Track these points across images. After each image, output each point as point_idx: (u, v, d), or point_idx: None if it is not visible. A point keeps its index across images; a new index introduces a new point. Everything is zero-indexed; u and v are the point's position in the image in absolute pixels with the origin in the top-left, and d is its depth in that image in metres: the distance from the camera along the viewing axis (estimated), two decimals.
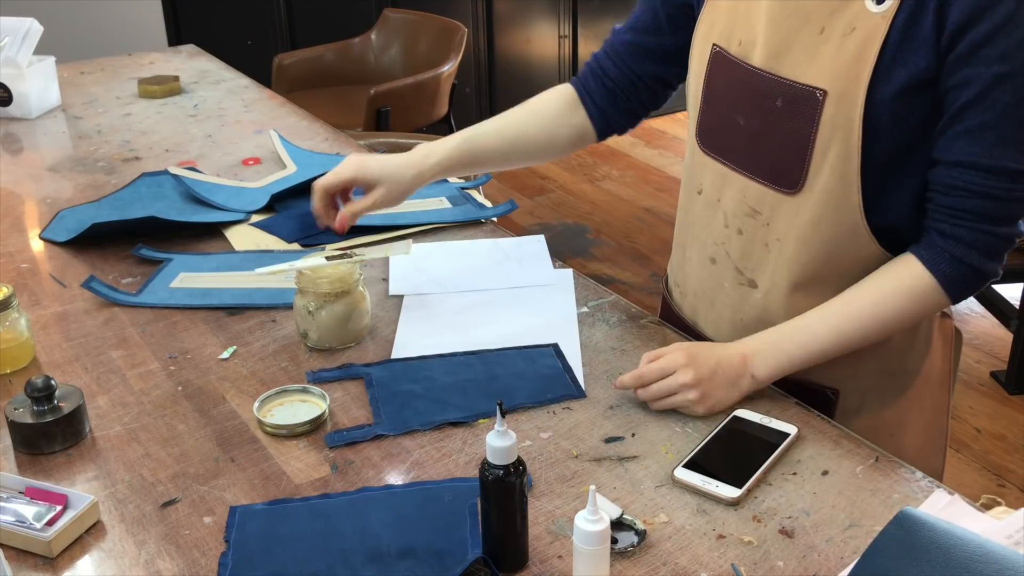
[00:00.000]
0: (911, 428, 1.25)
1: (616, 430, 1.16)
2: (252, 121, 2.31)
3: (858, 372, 1.23)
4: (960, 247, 1.10)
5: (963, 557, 0.78)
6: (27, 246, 1.69)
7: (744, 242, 1.25)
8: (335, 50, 3.92)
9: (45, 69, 2.38)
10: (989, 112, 1.04)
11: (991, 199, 1.07)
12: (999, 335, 3.21)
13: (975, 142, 1.06)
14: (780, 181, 1.17)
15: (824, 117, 1.11)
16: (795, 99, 1.13)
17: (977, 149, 1.06)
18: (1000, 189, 1.06)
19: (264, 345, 1.36)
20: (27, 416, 1.13)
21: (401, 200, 1.43)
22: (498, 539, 0.95)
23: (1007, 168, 1.05)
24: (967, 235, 1.09)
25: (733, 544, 0.99)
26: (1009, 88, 1.03)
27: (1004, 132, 1.04)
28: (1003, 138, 1.04)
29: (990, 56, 1.02)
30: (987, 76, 1.03)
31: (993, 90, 1.03)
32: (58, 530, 0.99)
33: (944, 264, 1.10)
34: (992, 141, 1.05)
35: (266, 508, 1.05)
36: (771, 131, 1.17)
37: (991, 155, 1.05)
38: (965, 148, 1.07)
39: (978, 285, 1.13)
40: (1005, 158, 1.05)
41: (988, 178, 1.06)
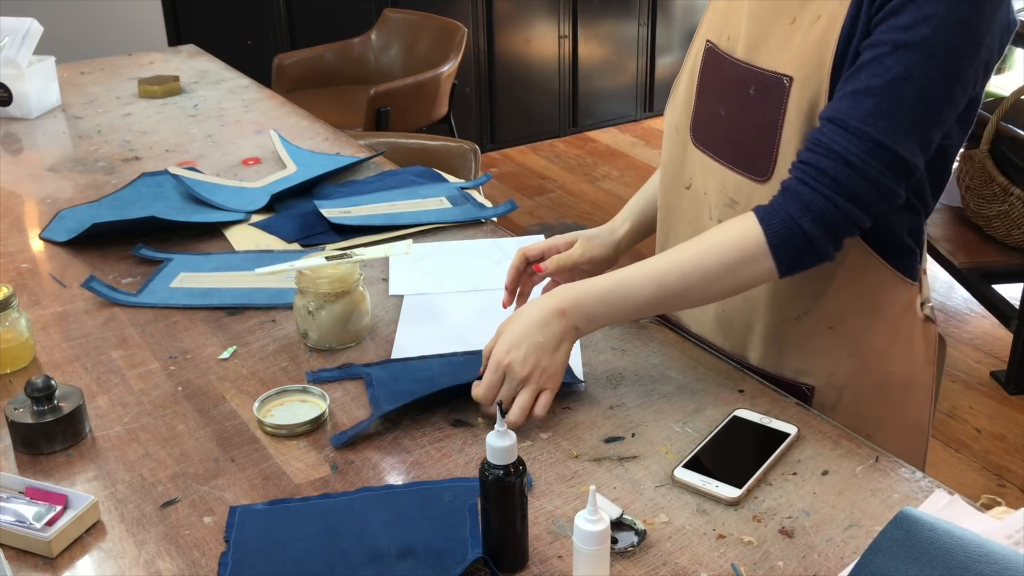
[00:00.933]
0: (889, 431, 1.24)
1: (616, 430, 1.16)
2: (252, 121, 2.31)
3: (835, 370, 1.24)
4: (795, 206, 1.07)
5: (963, 557, 0.78)
6: (27, 246, 1.69)
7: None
8: (335, 50, 3.92)
9: (45, 69, 2.38)
10: (877, 79, 1.04)
11: (845, 165, 1.05)
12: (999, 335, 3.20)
13: (854, 104, 1.05)
14: (753, 169, 1.19)
15: (790, 103, 1.13)
16: (765, 86, 1.15)
17: (852, 111, 1.05)
18: (857, 157, 1.04)
19: (264, 345, 1.36)
20: (27, 416, 1.13)
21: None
22: (498, 539, 0.95)
23: (870, 136, 1.04)
24: (807, 194, 1.06)
25: (733, 544, 0.99)
26: (904, 59, 1.02)
27: (883, 102, 1.04)
28: (879, 108, 1.04)
29: (897, 24, 1.03)
30: (888, 43, 1.03)
31: (887, 57, 1.03)
32: (58, 530, 0.99)
33: (775, 221, 1.08)
34: (869, 107, 1.04)
35: (266, 508, 1.05)
36: (745, 119, 1.19)
37: (863, 119, 1.04)
38: (843, 107, 1.06)
39: (805, 253, 1.09)
40: (874, 128, 1.04)
41: (851, 141, 1.05)
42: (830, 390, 1.24)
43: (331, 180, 1.92)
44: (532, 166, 4.77)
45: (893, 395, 1.26)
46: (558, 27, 4.89)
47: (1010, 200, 2.83)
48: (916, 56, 1.03)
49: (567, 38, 4.94)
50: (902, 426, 1.27)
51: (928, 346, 1.27)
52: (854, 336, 1.22)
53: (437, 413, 1.20)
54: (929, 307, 1.26)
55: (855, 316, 1.21)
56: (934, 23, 1.02)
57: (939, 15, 1.01)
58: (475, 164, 2.39)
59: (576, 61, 5.00)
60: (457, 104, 3.85)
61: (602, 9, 4.99)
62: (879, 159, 1.05)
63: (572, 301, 1.14)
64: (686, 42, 5.31)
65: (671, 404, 1.20)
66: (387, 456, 1.13)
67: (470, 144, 2.42)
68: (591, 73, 5.09)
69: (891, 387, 1.25)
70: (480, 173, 2.30)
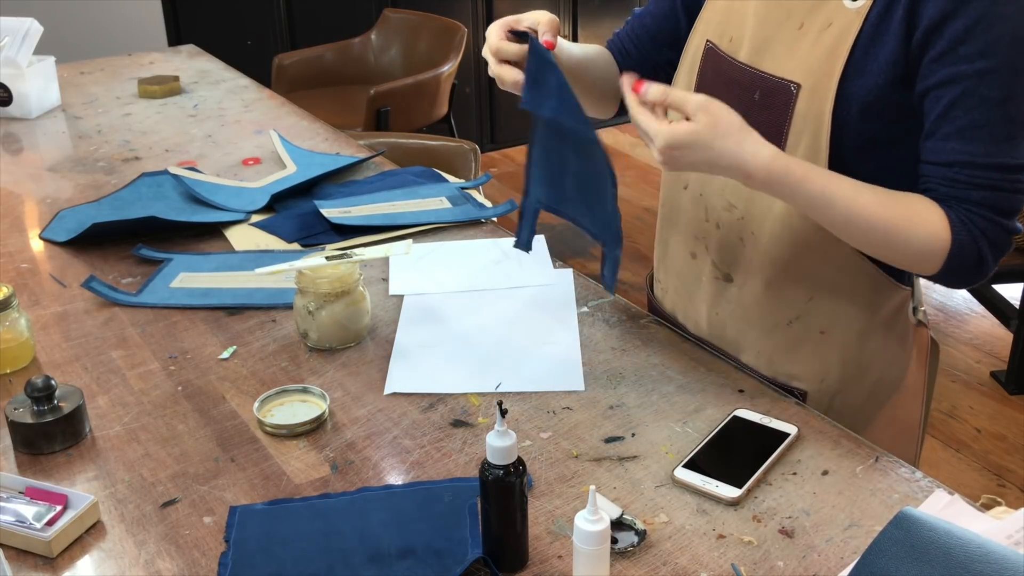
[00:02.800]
0: (878, 434, 1.24)
1: (616, 430, 1.16)
2: (252, 121, 2.31)
3: (827, 376, 1.24)
4: (976, 228, 1.07)
5: (963, 557, 0.78)
6: (27, 246, 1.69)
7: (721, 236, 1.26)
8: (335, 50, 3.92)
9: (45, 69, 2.38)
10: (979, 110, 1.03)
11: (996, 191, 1.05)
12: (999, 335, 3.20)
13: (969, 141, 1.04)
14: None
15: (797, 110, 1.12)
16: (771, 92, 1.14)
17: (972, 148, 1.04)
18: (1004, 181, 1.05)
19: (264, 345, 1.36)
20: (27, 416, 1.13)
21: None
22: (498, 539, 0.95)
23: (1006, 164, 1.04)
24: (979, 222, 1.06)
25: (733, 544, 0.98)
26: (995, 84, 1.02)
27: (996, 130, 1.03)
28: (995, 136, 1.03)
29: (971, 52, 1.01)
30: (971, 73, 1.02)
31: (979, 87, 1.02)
32: (58, 530, 0.99)
33: (964, 236, 1.07)
34: (986, 139, 1.04)
35: (266, 508, 1.05)
36: (749, 123, 1.17)
37: (987, 153, 1.04)
38: (959, 148, 1.05)
39: (974, 275, 1.09)
40: (1001, 155, 1.04)
41: (990, 172, 1.05)
42: (822, 396, 1.24)
43: (331, 180, 1.92)
44: None
45: (883, 399, 1.26)
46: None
47: None
48: (1006, 77, 1.01)
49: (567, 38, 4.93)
50: (892, 430, 1.27)
51: (920, 351, 1.27)
52: (845, 341, 1.22)
53: (437, 413, 1.20)
54: (922, 311, 1.26)
55: (847, 321, 1.21)
56: (1008, 40, 1.00)
57: (1011, 31, 1.00)
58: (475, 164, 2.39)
59: None
60: (457, 104, 3.85)
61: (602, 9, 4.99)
62: (1019, 172, 1.05)
63: (769, 176, 1.06)
64: None
65: (671, 404, 1.20)
66: (387, 456, 1.13)
67: (470, 144, 2.42)
68: None
69: (881, 391, 1.25)
70: (480, 173, 2.30)
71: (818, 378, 1.24)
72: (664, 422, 1.17)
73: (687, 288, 1.36)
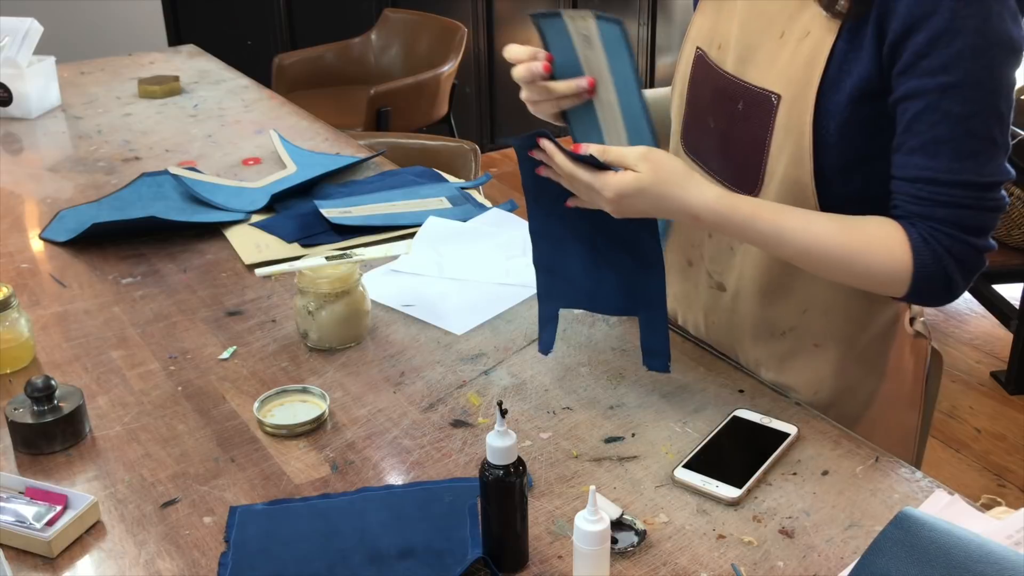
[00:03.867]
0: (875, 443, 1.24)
1: (616, 430, 1.16)
2: (252, 121, 2.31)
3: (820, 389, 1.23)
4: (942, 250, 1.05)
5: (963, 557, 0.78)
6: (27, 246, 1.69)
7: (714, 244, 1.26)
8: (335, 50, 3.92)
9: (45, 69, 2.38)
10: (942, 125, 1.01)
11: (961, 208, 1.03)
12: (999, 335, 3.20)
13: (932, 157, 1.02)
14: (741, 184, 1.18)
15: (778, 121, 1.11)
16: (753, 102, 1.13)
17: (935, 164, 1.02)
18: (968, 198, 1.03)
19: (264, 345, 1.36)
20: (27, 416, 1.13)
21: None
22: (498, 539, 0.95)
23: (968, 181, 1.02)
24: (945, 240, 1.04)
25: (733, 544, 0.98)
26: (958, 99, 1.00)
27: (960, 145, 1.01)
28: (959, 152, 1.01)
29: (933, 67, 0.99)
30: (933, 87, 1.00)
31: (942, 101, 1.00)
32: (58, 530, 0.99)
33: (928, 257, 1.05)
34: (949, 155, 1.01)
35: (266, 508, 1.05)
36: (733, 134, 1.18)
37: (950, 170, 1.02)
38: (923, 163, 1.03)
39: (943, 296, 1.07)
40: (965, 172, 1.02)
41: (954, 189, 1.03)
42: (815, 407, 1.23)
43: (331, 180, 1.92)
44: None
45: (878, 410, 1.25)
46: None
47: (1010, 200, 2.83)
48: (968, 92, 1.00)
49: None
50: (889, 440, 1.26)
51: (918, 362, 1.26)
52: (840, 354, 1.21)
53: (437, 413, 1.20)
54: (921, 322, 1.24)
55: (841, 334, 1.21)
56: (969, 55, 0.98)
57: (972, 45, 0.98)
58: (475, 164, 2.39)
59: None
60: (457, 104, 3.85)
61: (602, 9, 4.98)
62: (985, 190, 1.03)
63: (714, 217, 1.07)
64: None
65: (671, 404, 1.20)
66: (387, 456, 1.13)
67: (470, 144, 2.42)
68: None
69: (876, 403, 1.25)
70: (480, 173, 2.30)
71: (812, 390, 1.24)
72: (664, 422, 1.17)
73: (686, 295, 1.36)
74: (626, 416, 1.19)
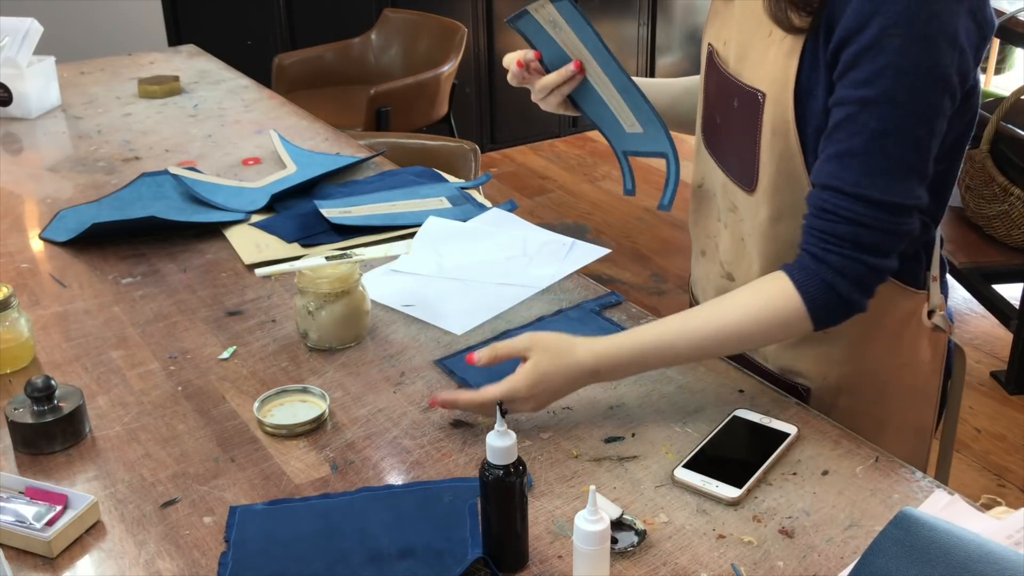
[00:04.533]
0: (888, 436, 1.24)
1: (616, 430, 1.16)
2: (252, 121, 2.31)
3: (829, 374, 1.23)
4: (830, 273, 1.06)
5: (963, 557, 0.78)
6: (27, 246, 1.69)
7: (727, 236, 1.27)
8: (335, 50, 3.92)
9: (45, 69, 2.38)
10: (857, 138, 1.02)
11: (860, 226, 1.04)
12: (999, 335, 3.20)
13: (843, 167, 1.04)
14: (742, 179, 1.20)
15: (764, 119, 1.12)
16: (745, 100, 1.15)
17: (844, 175, 1.03)
18: (868, 217, 1.04)
19: (264, 345, 1.36)
20: (27, 416, 1.13)
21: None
22: (498, 539, 0.95)
23: (870, 198, 1.03)
24: (837, 261, 1.06)
25: (733, 544, 0.99)
26: (875, 115, 1.01)
27: (870, 161, 1.02)
28: (869, 167, 1.02)
29: (857, 79, 1.01)
30: (855, 99, 1.01)
31: (861, 114, 1.01)
32: (58, 530, 0.99)
33: (813, 288, 1.07)
34: (859, 168, 1.03)
35: (266, 508, 1.05)
36: (732, 130, 1.19)
37: (857, 183, 1.03)
38: (833, 172, 1.04)
39: (843, 315, 1.09)
40: (871, 188, 1.03)
41: (855, 204, 1.04)
42: (825, 392, 1.24)
43: (331, 180, 1.92)
44: (532, 166, 4.77)
45: (892, 402, 1.25)
46: None
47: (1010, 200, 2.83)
48: (886, 110, 1.01)
49: None
50: (903, 432, 1.26)
51: (936, 355, 1.25)
52: (849, 342, 1.22)
53: (437, 413, 1.20)
54: (940, 316, 1.23)
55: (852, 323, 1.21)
56: (891, 73, 0.99)
57: (894, 64, 0.99)
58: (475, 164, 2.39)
59: None
60: (457, 104, 3.85)
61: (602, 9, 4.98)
62: (887, 212, 1.04)
63: (609, 363, 1.12)
64: (686, 42, 5.31)
65: (671, 404, 1.21)
66: (387, 456, 1.13)
67: (470, 144, 2.42)
68: None
69: (890, 394, 1.25)
70: (480, 173, 2.30)
71: (821, 376, 1.24)
72: (664, 422, 1.17)
73: (702, 286, 1.38)
74: (626, 416, 1.19)
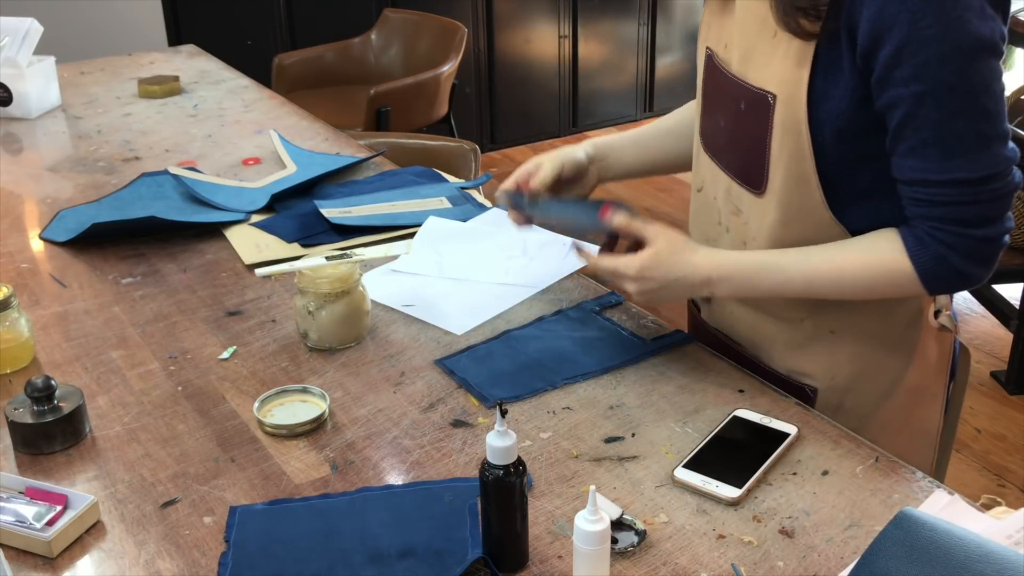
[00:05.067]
0: (895, 436, 1.24)
1: (616, 430, 1.16)
2: (252, 121, 2.31)
3: (837, 374, 1.23)
4: (942, 247, 1.07)
5: (963, 557, 0.78)
6: (27, 246, 1.69)
7: (730, 239, 1.27)
8: (335, 50, 3.92)
9: (45, 69, 2.38)
10: (925, 130, 1.03)
11: (959, 205, 1.05)
12: (999, 335, 3.20)
13: (922, 159, 1.04)
14: (749, 182, 1.19)
15: (776, 120, 1.12)
16: (753, 102, 1.14)
17: (926, 165, 1.04)
18: (964, 195, 1.04)
19: (264, 345, 1.36)
20: (27, 416, 1.13)
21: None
22: (498, 539, 0.95)
23: (960, 180, 1.04)
24: (946, 238, 1.07)
25: (733, 544, 0.98)
26: (934, 104, 1.01)
27: (946, 146, 1.03)
28: (948, 151, 1.03)
29: (904, 76, 1.01)
30: (908, 96, 1.02)
31: (920, 108, 1.02)
32: (58, 530, 0.99)
33: (927, 259, 1.08)
34: (938, 156, 1.03)
35: (266, 508, 1.05)
36: (739, 132, 1.19)
37: (940, 169, 1.04)
38: (915, 166, 1.05)
39: (960, 285, 1.11)
40: (955, 170, 1.03)
41: (947, 188, 1.05)
42: (832, 393, 1.24)
43: (331, 180, 1.92)
44: None
45: (898, 402, 1.25)
46: (558, 27, 4.89)
47: None
48: (943, 97, 1.01)
49: (567, 38, 4.93)
50: (909, 432, 1.26)
51: (942, 355, 1.26)
52: (856, 342, 1.22)
53: (437, 413, 1.20)
54: (946, 315, 1.24)
55: (858, 322, 1.21)
56: (936, 62, 0.99)
57: (936, 53, 0.99)
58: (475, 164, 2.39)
59: (576, 61, 5.00)
60: (457, 104, 3.85)
61: (602, 9, 4.99)
62: (981, 184, 1.04)
63: (723, 273, 1.17)
64: (686, 42, 5.31)
65: (671, 404, 1.21)
66: (387, 456, 1.13)
67: (470, 144, 2.42)
68: (591, 73, 5.08)
69: (896, 394, 1.25)
70: (480, 173, 2.30)
71: (828, 375, 1.24)
72: (664, 422, 1.17)
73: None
74: (626, 416, 1.19)
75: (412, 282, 1.52)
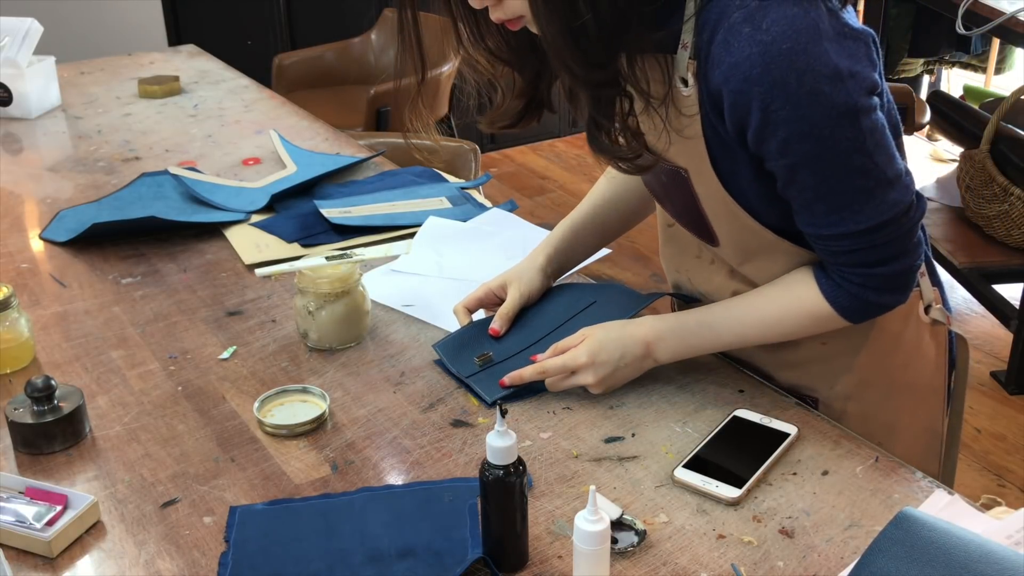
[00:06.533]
0: (902, 437, 1.24)
1: (616, 430, 1.16)
2: (252, 121, 2.31)
3: (834, 383, 1.23)
4: (854, 287, 1.10)
5: (963, 557, 0.78)
6: (27, 246, 1.69)
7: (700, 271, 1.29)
8: (335, 50, 3.92)
9: (45, 69, 2.38)
10: (807, 191, 1.04)
11: (854, 252, 1.07)
12: (999, 335, 3.20)
13: (811, 215, 1.06)
14: (702, 237, 1.21)
15: (698, 191, 1.13)
16: (672, 176, 1.15)
17: (816, 220, 1.06)
18: (858, 244, 1.06)
19: (264, 345, 1.36)
20: (27, 416, 1.13)
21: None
22: (498, 539, 0.95)
23: (850, 232, 1.05)
24: (856, 279, 1.09)
25: (733, 544, 0.99)
26: (806, 173, 1.02)
27: (829, 202, 1.04)
28: (831, 206, 1.04)
29: (772, 151, 1.02)
30: (781, 167, 1.03)
31: (795, 176, 1.03)
32: (58, 530, 0.99)
33: (843, 298, 1.11)
34: (824, 211, 1.05)
35: (266, 508, 1.05)
36: (675, 199, 1.20)
37: (830, 224, 1.05)
38: (807, 221, 1.07)
39: (880, 312, 1.13)
40: (843, 224, 1.05)
41: (842, 241, 1.06)
42: (834, 401, 1.24)
43: (331, 180, 1.92)
44: (532, 166, 4.77)
45: (901, 402, 1.25)
46: None
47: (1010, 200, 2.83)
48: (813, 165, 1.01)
49: None
50: (915, 431, 1.26)
51: (939, 350, 1.25)
52: (848, 350, 1.21)
53: (437, 413, 1.20)
54: (937, 309, 1.23)
55: (846, 332, 1.20)
56: (796, 139, 0.99)
57: (795, 132, 0.99)
58: (475, 164, 2.39)
59: None
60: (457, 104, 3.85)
61: None
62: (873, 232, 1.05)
63: (659, 334, 1.19)
64: None
65: (671, 404, 1.21)
66: (387, 456, 1.13)
67: (470, 144, 2.42)
68: None
69: (898, 395, 1.24)
70: (480, 173, 2.30)
71: (828, 386, 1.24)
72: (664, 422, 1.17)
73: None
74: (626, 416, 1.19)
75: (412, 282, 1.52)
